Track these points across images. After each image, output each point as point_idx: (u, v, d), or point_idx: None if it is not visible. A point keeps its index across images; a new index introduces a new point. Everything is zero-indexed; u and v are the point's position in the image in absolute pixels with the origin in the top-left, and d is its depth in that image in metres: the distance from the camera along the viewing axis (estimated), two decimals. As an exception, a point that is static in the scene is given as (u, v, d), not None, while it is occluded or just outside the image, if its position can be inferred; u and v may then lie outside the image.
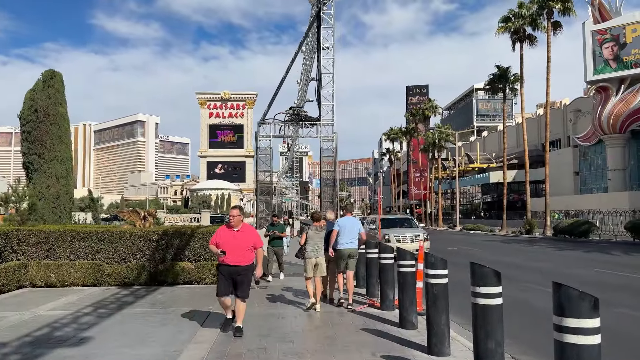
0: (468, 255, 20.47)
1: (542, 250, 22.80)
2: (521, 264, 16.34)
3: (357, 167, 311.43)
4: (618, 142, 53.53)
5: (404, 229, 19.40)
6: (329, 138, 13.78)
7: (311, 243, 9.14)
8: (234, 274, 6.84)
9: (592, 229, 27.23)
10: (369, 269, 10.20)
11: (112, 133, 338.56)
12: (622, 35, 52.31)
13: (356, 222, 9.83)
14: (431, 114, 60.03)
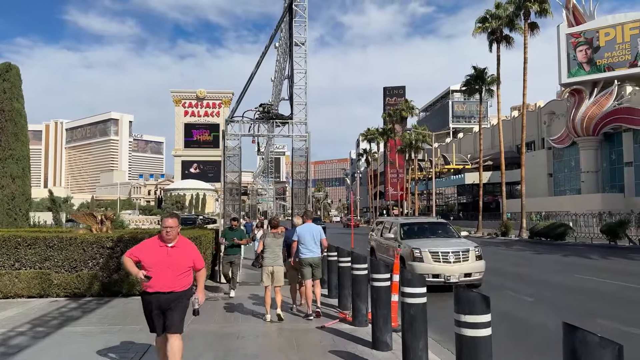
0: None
1: (520, 253, 22.40)
2: (500, 269, 15.82)
3: (334, 167, 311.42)
4: (591, 145, 54.10)
5: (441, 240, 13.05)
6: (302, 137, 12.99)
7: (269, 251, 8.79)
8: (166, 303, 5.06)
9: (568, 231, 27.07)
10: (341, 278, 9.43)
11: (85, 131, 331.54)
12: (595, 38, 52.89)
13: (316, 229, 9.41)
14: (408, 114, 59.78)
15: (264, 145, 36.24)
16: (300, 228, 9.34)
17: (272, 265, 8.75)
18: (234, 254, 11.31)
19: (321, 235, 9.35)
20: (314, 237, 9.21)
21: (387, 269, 6.57)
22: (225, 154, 12.70)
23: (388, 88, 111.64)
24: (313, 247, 9.15)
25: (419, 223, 14.90)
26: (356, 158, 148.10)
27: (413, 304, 5.03)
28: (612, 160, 53.65)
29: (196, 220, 39.18)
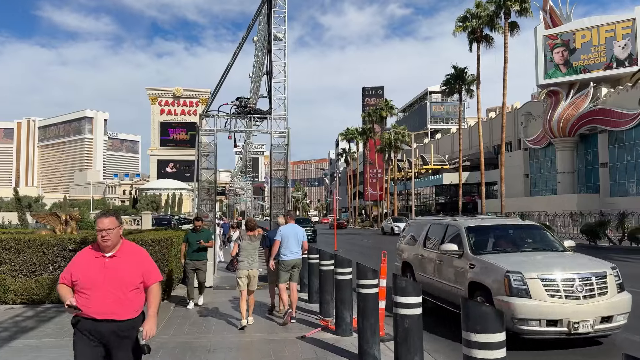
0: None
1: None
2: None
3: (313, 167, 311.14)
4: (567, 146, 54.62)
5: (544, 256, 8.11)
6: (281, 134, 12.33)
7: (244, 254, 8.43)
8: (106, 338, 3.69)
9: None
10: (323, 283, 8.84)
11: (58, 129, 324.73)
12: (572, 40, 53.41)
13: (299, 230, 9.11)
14: (387, 114, 59.53)
15: (242, 142, 35.24)
16: (285, 229, 8.94)
17: (247, 269, 8.37)
18: (198, 259, 9.79)
19: (304, 237, 9.05)
20: (297, 238, 8.89)
21: (375, 274, 5.94)
22: (200, 150, 11.97)
23: (367, 88, 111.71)
24: (295, 248, 8.84)
25: (497, 226, 9.38)
26: (335, 158, 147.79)
27: (408, 316, 4.44)
28: (587, 161, 54.26)
29: (171, 221, 38.18)
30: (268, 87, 12.44)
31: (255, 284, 8.50)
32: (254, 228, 8.90)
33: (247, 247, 8.46)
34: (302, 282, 10.71)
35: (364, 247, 26.56)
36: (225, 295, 10.88)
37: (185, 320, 8.67)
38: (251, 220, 9.28)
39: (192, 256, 9.73)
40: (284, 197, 12.50)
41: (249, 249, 8.47)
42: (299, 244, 8.90)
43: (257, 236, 8.78)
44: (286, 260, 8.72)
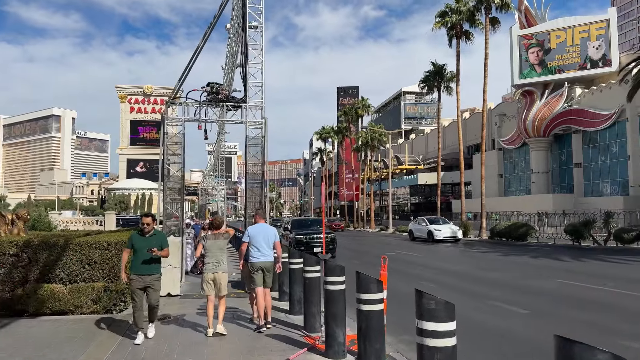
0: (409, 263, 18.57)
1: (485, 255, 21.31)
2: (473, 275, 14.52)
3: (287, 168, 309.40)
4: (542, 146, 54.80)
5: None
6: (257, 125, 11.12)
7: (209, 255, 7.66)
8: None
9: (530, 232, 26.39)
10: (308, 293, 7.69)
11: (24, 128, 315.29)
12: (547, 40, 53.58)
13: (270, 229, 8.42)
14: (364, 112, 58.64)
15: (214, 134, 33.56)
16: (253, 229, 8.29)
17: (212, 271, 7.58)
18: (149, 272, 7.18)
19: (275, 237, 8.33)
20: (267, 239, 8.19)
21: (379, 286, 4.81)
22: (165, 142, 10.66)
23: (342, 88, 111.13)
24: (266, 250, 8.13)
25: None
26: (309, 158, 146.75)
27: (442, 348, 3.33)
28: (561, 161, 54.55)
29: (139, 222, 36.35)
30: (242, 72, 11.19)
31: (224, 288, 7.69)
32: (220, 226, 8.08)
33: (212, 248, 7.66)
34: (281, 290, 9.51)
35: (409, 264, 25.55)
36: (192, 306, 9.57)
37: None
38: (217, 218, 8.37)
39: (139, 269, 7.15)
40: (260, 195, 11.30)
41: (214, 249, 7.67)
42: (269, 244, 8.18)
43: (223, 235, 7.92)
44: (254, 263, 8.03)
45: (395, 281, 12.90)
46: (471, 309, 9.17)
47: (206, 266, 7.66)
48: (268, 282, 8.17)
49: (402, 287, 12.13)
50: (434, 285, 11.97)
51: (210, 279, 7.58)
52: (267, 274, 8.13)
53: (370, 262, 17.93)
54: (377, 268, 15.54)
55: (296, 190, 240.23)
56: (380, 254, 18.75)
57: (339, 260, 19.55)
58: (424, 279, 13.40)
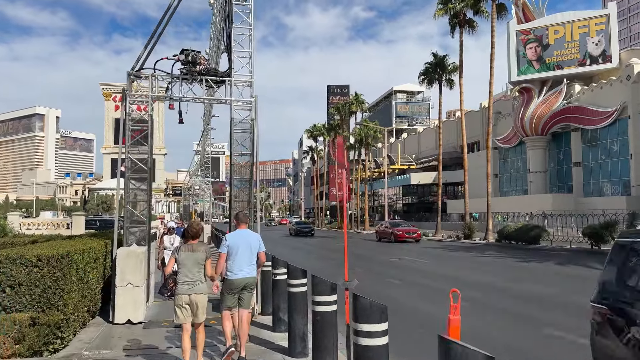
0: (418, 271, 16.46)
1: (502, 261, 19.04)
2: (504, 288, 12.33)
3: (276, 168, 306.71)
4: (539, 144, 53.32)
5: None
6: (245, 104, 8.92)
7: (183, 272, 5.99)
8: None
9: (543, 234, 24.35)
10: (293, 309, 6.14)
11: (6, 127, 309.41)
12: (545, 36, 52.06)
13: (253, 237, 6.70)
14: (358, 108, 56.35)
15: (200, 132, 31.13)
16: (232, 236, 6.59)
17: (188, 292, 5.92)
18: None
19: (260, 247, 6.63)
20: (251, 248, 6.49)
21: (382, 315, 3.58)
22: (127, 124, 8.42)
23: (332, 86, 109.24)
24: (247, 264, 6.44)
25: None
26: (299, 158, 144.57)
27: None
28: (560, 160, 53.09)
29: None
30: (227, 39, 8.97)
31: (202, 314, 6.06)
32: (197, 234, 6.29)
33: (187, 262, 5.99)
34: (276, 316, 7.40)
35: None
36: (159, 337, 7.32)
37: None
38: (193, 224, 6.41)
39: None
40: (249, 193, 9.12)
41: (190, 265, 5.99)
42: (252, 256, 6.50)
43: (202, 246, 6.18)
44: (233, 280, 6.33)
45: (416, 299, 10.82)
46: (543, 346, 7.00)
47: (179, 286, 5.95)
48: (246, 301, 6.45)
49: (424, 306, 10.05)
50: (466, 303, 9.88)
51: (184, 303, 5.91)
52: (248, 292, 6.46)
53: (378, 273, 15.82)
54: (385, 279, 13.37)
55: (285, 191, 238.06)
56: (384, 260, 16.23)
57: (331, 269, 17.40)
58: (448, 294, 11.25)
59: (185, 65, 8.36)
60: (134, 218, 8.58)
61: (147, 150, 8.54)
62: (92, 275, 7.27)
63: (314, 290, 4.92)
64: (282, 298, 7.05)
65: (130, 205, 8.60)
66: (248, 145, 8.85)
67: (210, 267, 6.13)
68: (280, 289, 7.18)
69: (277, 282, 7.22)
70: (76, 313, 6.45)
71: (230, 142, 8.78)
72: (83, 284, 6.80)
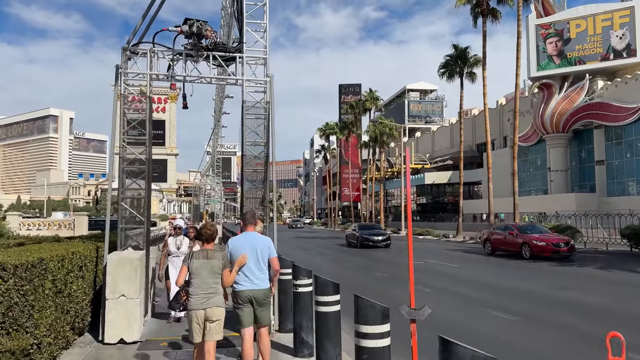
0: (447, 275, 15.09)
1: (538, 265, 17.31)
2: (551, 297, 10.74)
3: (287, 168, 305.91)
4: (560, 142, 51.60)
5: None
6: (258, 85, 7.68)
7: (196, 283, 5.14)
8: None
9: (577, 235, 22.76)
10: (322, 333, 5.00)
11: (21, 128, 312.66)
12: (566, 30, 50.31)
13: (261, 240, 5.66)
14: (372, 105, 54.82)
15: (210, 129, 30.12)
16: (235, 241, 5.66)
17: (203, 307, 5.10)
18: None
19: (270, 252, 5.62)
20: (258, 254, 5.51)
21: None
22: (121, 108, 7.22)
23: (344, 85, 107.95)
24: (256, 271, 5.48)
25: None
26: (310, 157, 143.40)
27: None
28: (581, 159, 51.31)
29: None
30: (238, 6, 7.74)
31: (218, 331, 5.16)
32: (212, 237, 5.38)
33: (201, 271, 5.15)
34: (298, 337, 6.17)
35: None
36: (156, 359, 6.06)
37: None
38: (208, 226, 5.46)
39: None
40: (263, 188, 7.87)
41: (205, 274, 5.15)
42: (261, 263, 5.52)
43: (218, 252, 5.29)
44: (238, 291, 5.45)
45: (453, 311, 9.48)
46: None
47: (193, 299, 5.08)
48: (263, 318, 5.51)
49: (466, 321, 8.72)
50: (515, 319, 8.53)
51: (200, 319, 5.06)
52: (260, 307, 5.47)
53: (404, 280, 14.48)
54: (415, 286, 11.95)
55: (296, 191, 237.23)
56: (405, 262, 14.70)
57: (363, 278, 16.11)
58: (490, 306, 9.85)
59: (190, 38, 7.14)
60: (131, 217, 7.38)
61: (145, 139, 7.31)
62: (76, 285, 6.07)
63: (358, 315, 3.68)
64: (306, 315, 5.83)
65: (126, 202, 7.38)
66: (262, 133, 7.61)
67: (228, 276, 5.24)
68: (303, 304, 5.94)
69: (300, 295, 5.97)
70: (53, 334, 5.23)
71: (242, 129, 7.54)
72: (63, 298, 5.59)
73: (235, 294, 5.46)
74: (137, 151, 7.31)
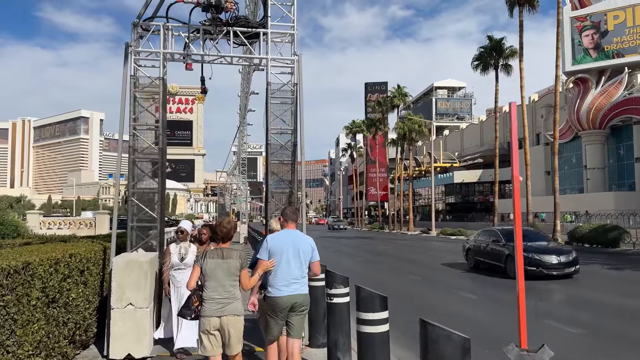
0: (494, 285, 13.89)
1: (592, 269, 15.55)
2: (620, 306, 9.66)
3: (312, 168, 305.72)
4: (597, 139, 49.52)
5: None
6: (285, 64, 6.79)
7: (210, 287, 4.43)
8: None
9: (623, 236, 21.18)
10: (365, 350, 4.09)
11: (53, 130, 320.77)
12: (603, 22, 48.18)
13: (304, 240, 4.96)
14: (400, 102, 53.51)
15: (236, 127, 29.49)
16: (275, 238, 4.89)
17: (218, 314, 4.42)
18: None
19: (313, 254, 4.91)
20: (300, 255, 4.80)
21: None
22: (132, 91, 6.40)
23: (370, 84, 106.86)
24: (297, 275, 4.77)
25: None
26: (336, 157, 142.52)
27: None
28: (619, 156, 49.07)
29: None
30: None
31: (238, 343, 4.52)
32: (229, 236, 4.70)
33: (217, 273, 4.47)
34: (312, 328, 5.31)
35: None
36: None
37: None
38: (224, 224, 4.76)
39: None
40: (291, 182, 6.98)
41: (221, 276, 4.47)
42: (302, 266, 4.83)
43: (235, 252, 4.61)
44: (276, 298, 4.72)
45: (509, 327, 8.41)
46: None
47: (206, 305, 4.45)
48: (297, 328, 4.85)
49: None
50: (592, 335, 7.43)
51: (213, 328, 4.42)
52: (297, 316, 4.81)
53: (448, 286, 13.38)
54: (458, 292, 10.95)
55: (322, 191, 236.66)
56: (439, 265, 13.41)
57: (395, 279, 15.10)
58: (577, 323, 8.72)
59: (207, 11, 6.32)
60: (145, 215, 6.57)
61: (160, 125, 6.49)
62: (75, 293, 5.30)
63: (426, 348, 2.69)
64: (342, 331, 4.98)
65: (135, 197, 6.58)
66: (289, 119, 6.72)
67: (247, 278, 4.58)
68: (339, 318, 5.06)
69: (334, 306, 5.08)
70: (43, 352, 4.44)
71: (267, 115, 6.67)
72: (58, 308, 4.82)
73: (272, 301, 4.72)
74: (150, 140, 6.47)
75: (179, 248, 6.30)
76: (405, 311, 8.32)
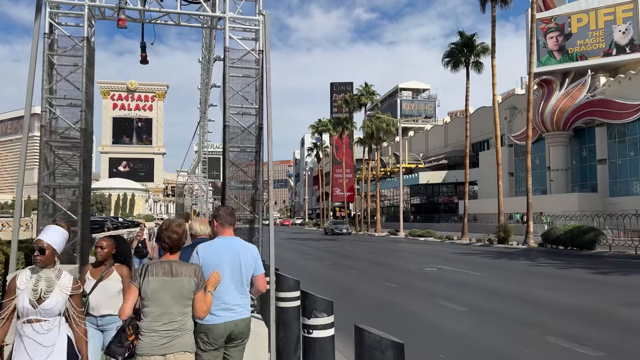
0: (474, 286, 12.85)
1: (571, 273, 14.98)
2: (613, 315, 8.78)
3: (277, 169, 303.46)
4: (561, 140, 49.99)
5: None
6: (247, 25, 5.40)
7: (155, 312, 3.20)
8: None
9: (600, 238, 20.66)
10: None
11: (5, 127, 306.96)
12: (567, 24, 48.70)
13: (245, 250, 3.73)
14: (368, 100, 52.60)
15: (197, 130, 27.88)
16: (207, 248, 3.68)
17: (162, 352, 3.19)
18: None
19: (257, 268, 3.76)
20: (242, 270, 3.67)
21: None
22: (46, 53, 4.93)
23: (335, 84, 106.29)
24: (236, 295, 3.65)
25: None
26: (301, 157, 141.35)
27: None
28: (582, 158, 49.70)
29: (104, 225, 30.68)
30: None
31: None
32: (179, 244, 3.43)
33: (162, 296, 3.24)
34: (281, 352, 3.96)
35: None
36: None
37: None
38: (172, 227, 3.44)
39: None
40: (255, 176, 5.62)
41: (167, 301, 3.24)
42: (243, 284, 3.70)
43: (188, 267, 3.37)
44: (211, 326, 3.53)
45: (513, 342, 7.25)
46: None
47: (145, 339, 3.21)
48: None
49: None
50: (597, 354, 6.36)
51: None
52: (236, 347, 3.70)
53: (429, 292, 12.22)
54: (438, 301, 9.80)
55: (286, 192, 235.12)
56: (415, 269, 12.22)
57: (358, 281, 13.88)
58: (552, 332, 7.65)
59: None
60: (61, 217, 5.07)
61: (80, 98, 5.01)
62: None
63: None
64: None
65: (50, 193, 5.06)
66: (253, 97, 5.35)
67: (203, 303, 3.36)
68: (320, 356, 3.68)
69: (314, 342, 3.73)
70: None
71: (224, 90, 5.27)
72: None
73: (207, 329, 3.50)
74: (71, 120, 4.98)
75: (34, 279, 3.20)
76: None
